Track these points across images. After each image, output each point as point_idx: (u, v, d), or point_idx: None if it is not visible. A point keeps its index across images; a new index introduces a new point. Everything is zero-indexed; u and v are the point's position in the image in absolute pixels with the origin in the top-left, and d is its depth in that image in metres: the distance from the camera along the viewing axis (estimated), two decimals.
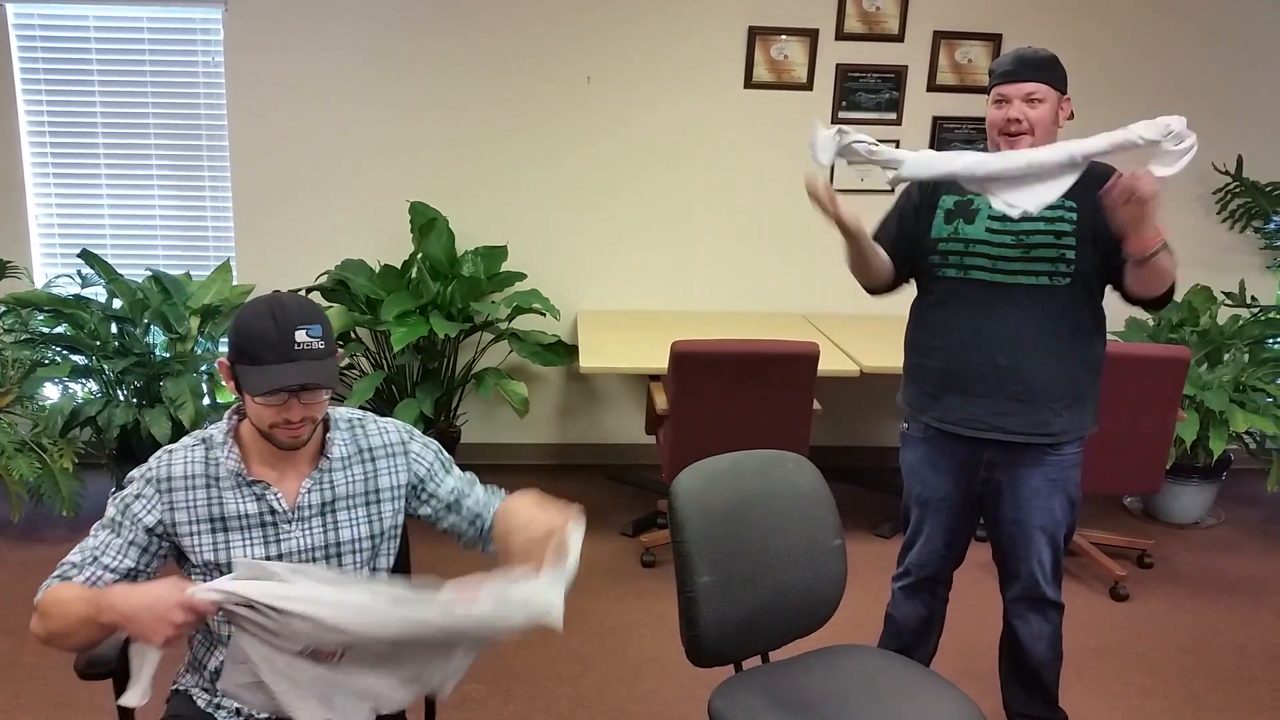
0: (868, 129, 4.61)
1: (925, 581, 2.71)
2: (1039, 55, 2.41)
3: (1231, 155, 4.78)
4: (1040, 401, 2.42)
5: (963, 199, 2.47)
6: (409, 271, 4.34)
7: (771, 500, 2.22)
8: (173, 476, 1.79)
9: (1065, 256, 2.37)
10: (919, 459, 2.63)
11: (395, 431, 1.93)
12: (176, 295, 4.21)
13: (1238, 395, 4.17)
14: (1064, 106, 2.42)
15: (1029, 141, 2.36)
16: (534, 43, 4.51)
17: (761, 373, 3.54)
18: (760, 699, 2.08)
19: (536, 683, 3.10)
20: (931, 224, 2.51)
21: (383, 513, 1.88)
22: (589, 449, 4.94)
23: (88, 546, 1.79)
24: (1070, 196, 2.35)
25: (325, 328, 1.74)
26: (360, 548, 1.86)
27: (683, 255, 4.79)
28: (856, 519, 4.24)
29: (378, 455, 1.89)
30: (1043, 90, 2.37)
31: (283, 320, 1.70)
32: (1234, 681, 3.22)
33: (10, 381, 3.94)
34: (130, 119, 4.49)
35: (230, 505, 1.78)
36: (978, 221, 2.44)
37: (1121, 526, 4.33)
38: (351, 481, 1.86)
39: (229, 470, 1.79)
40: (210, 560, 1.78)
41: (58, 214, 4.57)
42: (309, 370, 1.70)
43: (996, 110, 2.42)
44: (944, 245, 2.48)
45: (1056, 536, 2.54)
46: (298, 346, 1.69)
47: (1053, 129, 2.40)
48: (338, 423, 1.88)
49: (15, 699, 2.92)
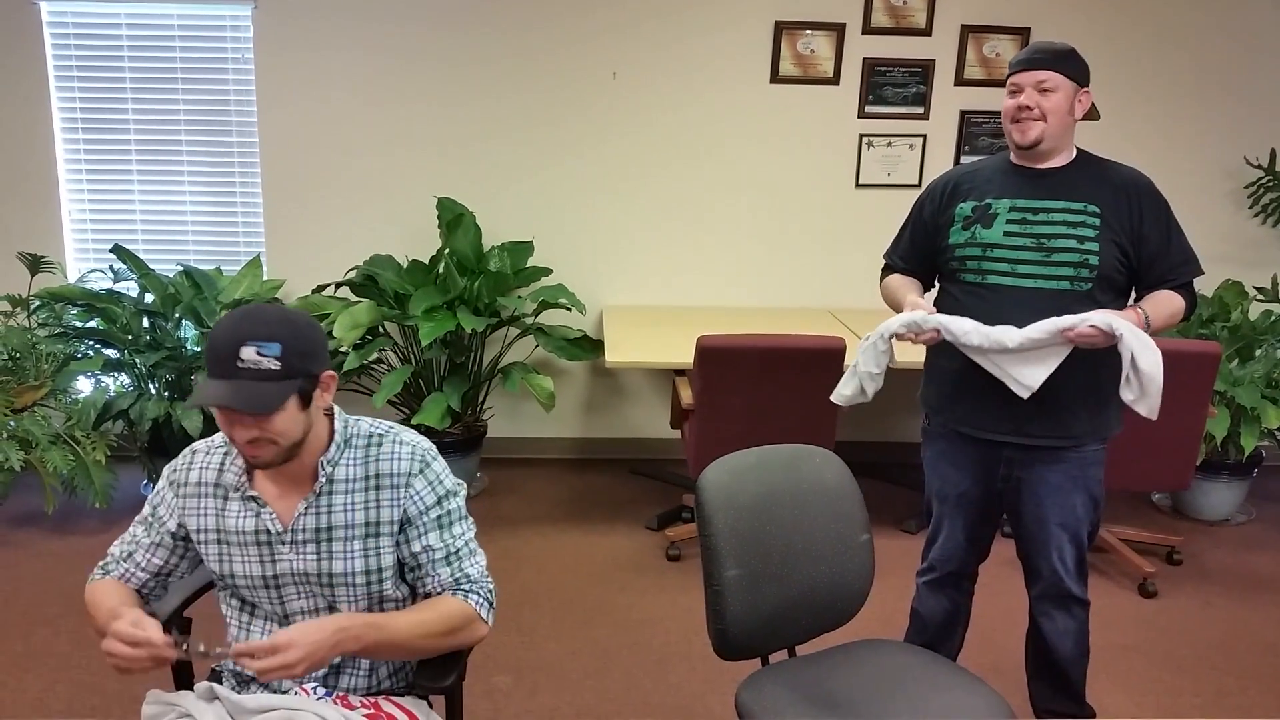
0: (895, 124, 4.66)
1: (949, 576, 2.71)
2: (1055, 45, 2.38)
3: (1264, 149, 4.72)
4: (1061, 406, 2.39)
5: (980, 204, 2.45)
6: (436, 267, 4.36)
7: (798, 495, 2.22)
8: (189, 482, 1.78)
9: (1088, 261, 2.34)
10: (938, 454, 2.63)
11: (408, 460, 1.76)
12: (208, 290, 4.25)
13: (1269, 391, 4.12)
14: (1082, 100, 2.38)
15: (1040, 129, 2.34)
16: (560, 38, 4.52)
17: (787, 367, 3.54)
18: (787, 693, 2.08)
19: (562, 675, 3.11)
20: (950, 231, 2.49)
21: (382, 548, 1.75)
22: (614, 443, 4.96)
23: (126, 539, 1.83)
24: (1092, 200, 2.34)
25: (289, 348, 1.60)
26: (354, 582, 1.75)
27: (708, 250, 4.79)
28: (882, 514, 4.23)
29: (383, 485, 1.75)
30: (1055, 79, 2.34)
31: (236, 333, 1.59)
32: (1264, 680, 3.19)
33: (44, 375, 3.99)
34: (161, 115, 4.53)
35: (231, 519, 1.75)
36: (995, 225, 2.41)
37: (1150, 523, 4.30)
38: (351, 509, 1.74)
39: (230, 483, 1.76)
40: (217, 571, 1.80)
41: (90, 210, 4.62)
42: (241, 390, 1.57)
43: (1010, 99, 2.40)
44: (961, 251, 2.45)
45: (1078, 533, 2.52)
46: (240, 363, 1.58)
47: (1067, 120, 2.37)
48: (354, 440, 1.77)
49: (50, 688, 2.96)
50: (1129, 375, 2.25)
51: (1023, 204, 2.40)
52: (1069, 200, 2.37)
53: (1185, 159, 4.77)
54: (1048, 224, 2.36)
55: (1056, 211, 2.37)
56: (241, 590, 1.80)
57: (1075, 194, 2.38)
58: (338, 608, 1.77)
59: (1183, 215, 2.43)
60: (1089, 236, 2.33)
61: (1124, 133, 4.68)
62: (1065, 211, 2.36)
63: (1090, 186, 2.38)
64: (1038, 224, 2.37)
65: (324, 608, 1.78)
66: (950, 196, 2.52)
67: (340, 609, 1.77)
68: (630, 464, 4.85)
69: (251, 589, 1.78)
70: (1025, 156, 2.43)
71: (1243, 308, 4.39)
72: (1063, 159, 2.43)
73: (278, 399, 1.60)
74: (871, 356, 2.48)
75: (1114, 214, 2.35)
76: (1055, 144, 2.38)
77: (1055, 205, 2.38)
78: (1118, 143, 4.64)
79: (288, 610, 1.79)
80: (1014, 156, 2.47)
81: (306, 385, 1.65)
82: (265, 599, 1.79)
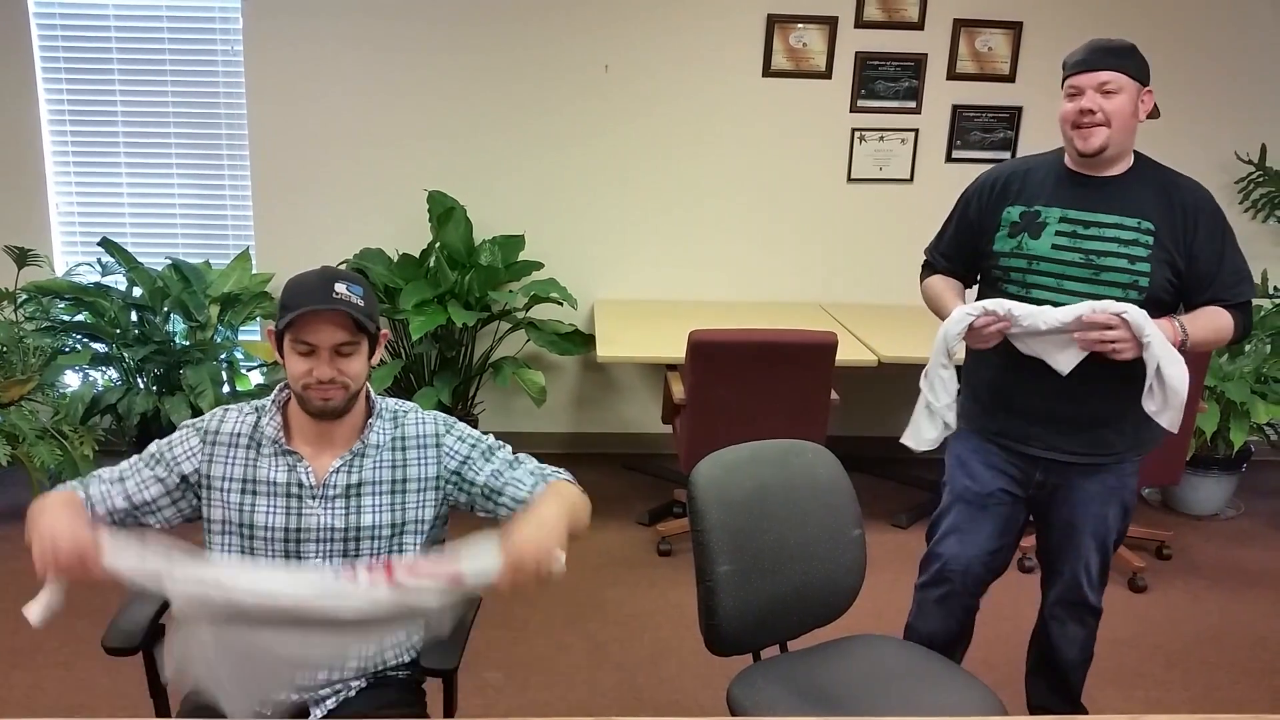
0: (887, 118, 4.65)
1: (964, 588, 2.50)
2: (1114, 43, 2.22)
3: (1255, 144, 4.73)
4: (1100, 423, 2.31)
5: (1029, 210, 2.33)
6: (427, 260, 4.34)
7: (791, 490, 2.22)
8: (221, 431, 1.87)
9: (1138, 283, 2.22)
10: (969, 451, 2.47)
11: (433, 424, 1.93)
12: (196, 283, 4.23)
13: (1259, 386, 4.14)
14: (1145, 99, 2.24)
15: (1105, 135, 2.20)
16: (552, 32, 4.50)
17: (779, 362, 3.54)
18: (779, 688, 2.08)
19: (554, 670, 3.11)
20: (995, 236, 2.37)
21: (407, 503, 1.89)
22: (605, 438, 4.95)
23: (119, 467, 1.86)
24: (1148, 216, 2.23)
25: (368, 294, 1.81)
26: (379, 534, 1.87)
27: (700, 244, 4.78)
28: (874, 509, 4.23)
29: (409, 446, 1.90)
30: (1119, 80, 2.19)
31: (326, 274, 1.79)
32: (1254, 674, 3.20)
33: (31, 369, 3.96)
34: (150, 108, 4.50)
35: (263, 469, 1.84)
36: (1044, 237, 2.29)
37: (1140, 517, 4.31)
38: (379, 467, 1.87)
39: (269, 437, 1.85)
40: (234, 520, 1.83)
41: (78, 203, 4.59)
42: (342, 310, 1.74)
43: (1069, 103, 2.24)
44: (1006, 260, 2.34)
45: (1107, 542, 2.44)
46: (335, 295, 1.75)
47: (1132, 123, 2.23)
48: (382, 412, 1.91)
49: (38, 684, 2.95)
50: (1153, 385, 2.17)
51: (1074, 215, 2.27)
52: (1123, 215, 2.24)
53: (1175, 153, 4.68)
54: (1098, 239, 2.24)
55: (1109, 227, 2.24)
56: (257, 544, 1.84)
57: (1131, 208, 2.25)
58: None
59: None
60: (1140, 256, 2.21)
61: None
62: (1118, 228, 2.24)
63: (1148, 199, 2.25)
64: (1088, 239, 2.25)
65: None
66: (999, 196, 2.38)
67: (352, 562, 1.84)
68: (622, 459, 4.84)
69: (269, 541, 1.83)
70: (1085, 164, 2.28)
71: None
72: (1122, 166, 2.29)
73: (369, 327, 1.79)
74: (941, 387, 2.35)
75: (1168, 231, 2.22)
76: (1119, 150, 2.25)
77: (1108, 220, 2.25)
78: None
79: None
80: (1070, 162, 2.32)
81: (374, 335, 1.83)
82: (280, 553, 1.84)
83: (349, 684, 1.87)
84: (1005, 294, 2.33)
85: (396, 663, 1.92)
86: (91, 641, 1.78)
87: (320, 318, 1.75)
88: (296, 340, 1.77)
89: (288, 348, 1.80)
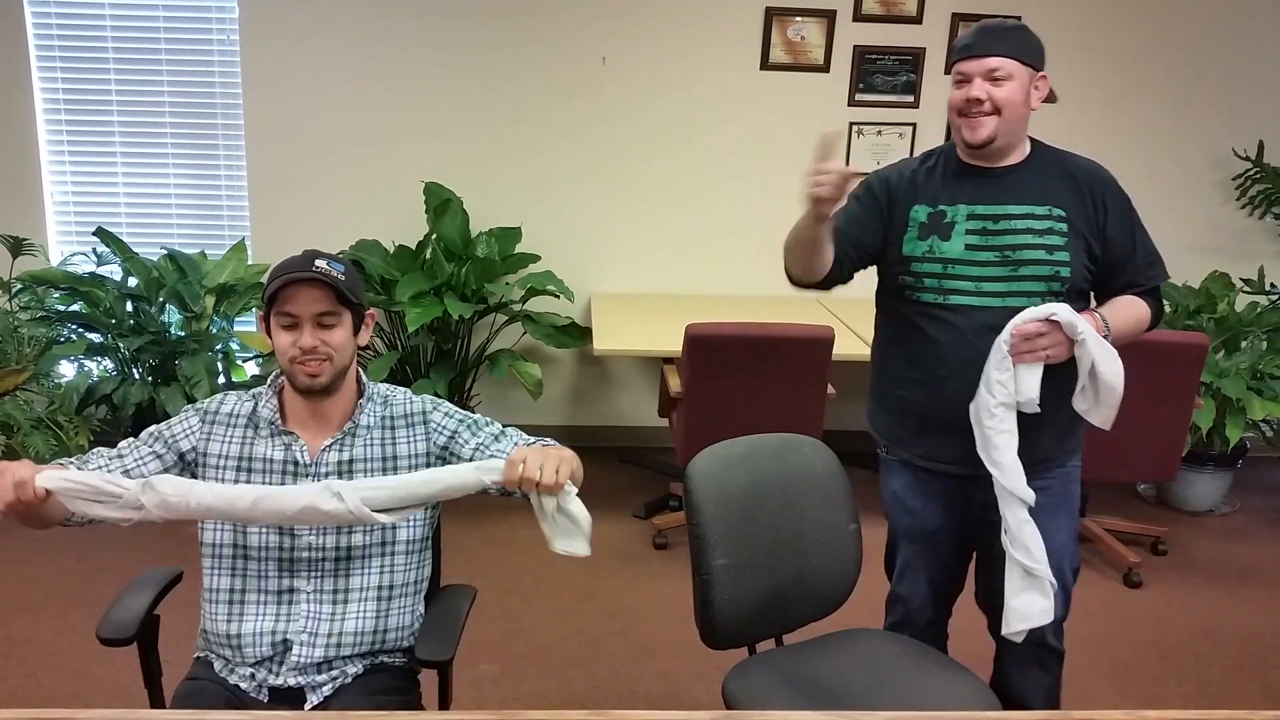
0: (885, 111, 4.65)
1: (928, 626, 2.41)
2: (1004, 25, 2.10)
3: (1252, 141, 4.73)
4: (1035, 429, 2.11)
5: (935, 210, 2.17)
6: (423, 252, 4.33)
7: (787, 484, 2.22)
8: (221, 411, 1.92)
9: (1059, 274, 2.10)
10: (905, 487, 2.34)
11: (420, 402, 1.98)
12: (192, 274, 4.22)
13: (1255, 383, 4.14)
14: (1040, 85, 2.12)
15: (994, 125, 2.06)
16: (549, 24, 4.49)
17: (776, 356, 3.53)
18: (774, 681, 2.08)
19: (549, 663, 3.11)
20: (903, 238, 2.19)
21: None
22: (602, 431, 4.95)
23: (118, 446, 1.87)
24: (1057, 202, 2.11)
25: (350, 272, 1.88)
26: None
27: (697, 237, 4.77)
28: (869, 504, 4.22)
29: (399, 424, 1.95)
30: (1009, 66, 2.06)
31: (308, 253, 1.85)
32: (1248, 670, 3.21)
33: (26, 359, 3.95)
34: (145, 98, 4.48)
35: (259, 448, 1.89)
36: (954, 237, 2.13)
37: (1135, 513, 4.32)
38: (370, 445, 1.92)
39: (265, 418, 1.90)
40: None
41: (73, 192, 4.57)
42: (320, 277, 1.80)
43: (957, 90, 2.11)
44: (918, 265, 2.16)
45: (1062, 566, 2.21)
46: (316, 268, 1.82)
47: (1024, 112, 2.10)
48: (372, 396, 1.96)
49: (32, 675, 2.94)
50: (1085, 384, 2.07)
51: (981, 210, 2.14)
52: (1032, 204, 2.12)
53: (1173, 150, 4.77)
54: (1011, 233, 2.11)
55: (1019, 218, 2.12)
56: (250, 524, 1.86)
57: (1037, 196, 2.13)
58: (346, 543, 1.89)
59: (1170, 206, 2.39)
60: (1058, 245, 2.10)
61: (1112, 124, 4.68)
62: (1029, 218, 2.11)
63: (1053, 185, 2.14)
64: (1000, 234, 2.11)
65: (330, 546, 1.88)
66: (907, 191, 2.21)
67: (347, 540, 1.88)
68: (618, 452, 4.84)
69: None
70: (977, 155, 2.15)
71: (1229, 299, 4.40)
72: (1019, 155, 2.16)
73: (350, 299, 1.84)
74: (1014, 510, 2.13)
75: (1080, 215, 2.12)
76: (1010, 140, 2.12)
77: (1017, 210, 2.12)
78: (1105, 135, 4.66)
79: (295, 545, 1.86)
80: (963, 154, 2.18)
81: (358, 312, 1.90)
82: (274, 529, 1.86)
83: (345, 671, 1.88)
84: (918, 304, 2.18)
85: (394, 647, 1.93)
86: (86, 632, 1.78)
87: (301, 287, 1.81)
88: (280, 314, 1.83)
89: (274, 325, 1.85)
